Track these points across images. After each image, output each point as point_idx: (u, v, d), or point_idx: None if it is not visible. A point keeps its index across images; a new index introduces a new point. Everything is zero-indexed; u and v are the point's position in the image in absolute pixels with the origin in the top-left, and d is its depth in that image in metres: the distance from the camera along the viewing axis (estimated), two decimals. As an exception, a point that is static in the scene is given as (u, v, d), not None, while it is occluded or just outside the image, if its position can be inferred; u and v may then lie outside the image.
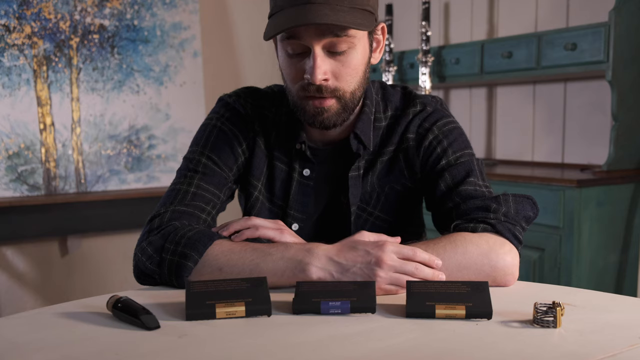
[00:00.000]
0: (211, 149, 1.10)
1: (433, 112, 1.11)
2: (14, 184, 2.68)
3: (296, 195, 1.13)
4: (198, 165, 1.09)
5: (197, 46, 3.04)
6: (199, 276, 0.93)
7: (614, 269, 2.11)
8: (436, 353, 0.68)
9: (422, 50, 2.72)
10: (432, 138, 1.09)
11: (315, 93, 0.99)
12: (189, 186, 1.06)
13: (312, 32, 0.95)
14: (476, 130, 2.91)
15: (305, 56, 0.98)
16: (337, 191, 1.13)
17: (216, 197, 1.08)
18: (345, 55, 0.98)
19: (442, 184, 1.06)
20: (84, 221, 2.82)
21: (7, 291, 2.82)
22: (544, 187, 2.08)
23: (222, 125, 1.13)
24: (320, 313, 0.82)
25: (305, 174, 1.12)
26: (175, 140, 2.98)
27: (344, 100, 1.02)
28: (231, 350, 0.70)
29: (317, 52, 0.96)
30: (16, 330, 0.78)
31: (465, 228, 0.97)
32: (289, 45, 0.98)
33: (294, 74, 1.01)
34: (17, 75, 2.68)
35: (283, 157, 1.13)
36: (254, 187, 1.13)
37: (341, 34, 0.95)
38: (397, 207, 1.13)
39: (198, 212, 1.04)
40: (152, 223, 1.01)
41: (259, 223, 0.98)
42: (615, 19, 2.03)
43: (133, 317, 0.78)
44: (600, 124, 2.36)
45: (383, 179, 1.12)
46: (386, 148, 1.11)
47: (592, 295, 0.91)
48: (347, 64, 0.99)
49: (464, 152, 1.08)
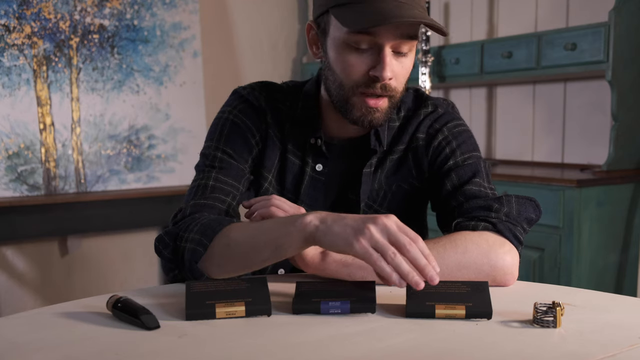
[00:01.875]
0: (225, 142, 1.11)
1: (444, 114, 1.13)
2: (14, 184, 2.68)
3: (307, 190, 1.13)
4: (214, 160, 1.10)
5: (197, 46, 3.04)
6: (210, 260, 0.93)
7: (614, 269, 2.11)
8: (436, 353, 0.68)
9: (422, 50, 2.72)
10: (442, 139, 1.10)
11: (377, 90, 1.00)
12: (207, 180, 1.07)
13: (390, 30, 0.95)
14: (476, 130, 2.91)
15: (371, 54, 0.98)
16: (345, 187, 1.14)
17: (235, 188, 1.08)
18: (407, 57, 1.01)
19: (448, 184, 1.07)
20: (83, 221, 2.82)
21: (7, 291, 2.82)
22: (544, 187, 2.08)
23: (234, 118, 1.13)
24: (320, 313, 0.82)
25: (318, 168, 1.13)
26: (175, 140, 2.98)
27: (394, 101, 1.03)
28: (231, 350, 0.70)
29: (387, 50, 0.97)
30: (16, 330, 0.78)
31: (466, 226, 0.97)
32: (359, 39, 0.97)
33: (356, 69, 1.00)
34: (17, 75, 2.68)
35: (296, 150, 1.13)
36: (265, 178, 1.14)
37: (412, 36, 0.97)
38: (403, 206, 1.14)
39: (218, 204, 1.05)
40: (175, 219, 1.03)
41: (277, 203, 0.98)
42: (615, 19, 2.03)
43: (133, 317, 0.78)
44: (600, 124, 2.36)
45: (391, 177, 1.12)
46: (397, 147, 1.13)
47: (592, 295, 0.91)
48: (406, 66, 1.01)
49: (472, 154, 1.09)
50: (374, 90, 1.00)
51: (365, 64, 0.99)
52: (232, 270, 0.92)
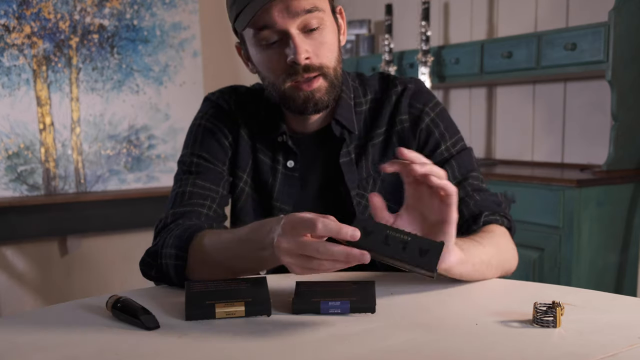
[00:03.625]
0: (200, 147, 1.13)
1: (418, 91, 1.14)
2: (14, 184, 2.68)
3: (282, 187, 1.13)
4: (191, 165, 1.12)
5: (197, 46, 3.04)
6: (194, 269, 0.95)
7: (614, 269, 2.11)
8: (436, 353, 0.68)
9: (422, 50, 2.72)
10: (429, 120, 1.11)
11: (303, 75, 1.01)
12: (185, 187, 1.09)
13: (284, 15, 0.97)
14: (476, 130, 2.91)
15: (282, 44, 1.01)
16: (329, 180, 1.13)
17: (214, 192, 1.10)
18: (319, 32, 1.01)
19: (449, 172, 1.08)
20: (83, 221, 2.82)
21: (7, 291, 2.82)
22: (544, 187, 2.08)
23: (206, 123, 1.15)
24: (320, 313, 0.81)
25: (289, 165, 1.13)
26: (175, 140, 2.98)
27: (330, 77, 1.04)
28: (231, 350, 0.70)
29: (294, 32, 0.98)
30: (16, 330, 0.77)
31: (495, 221, 1.03)
32: (264, 36, 1.00)
33: (275, 64, 1.02)
34: (17, 75, 2.68)
35: (266, 150, 1.14)
36: (240, 178, 1.15)
37: (312, 9, 0.98)
38: (394, 191, 1.13)
39: (198, 209, 1.06)
40: (157, 229, 1.06)
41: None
42: (615, 19, 2.03)
43: (133, 317, 0.78)
44: (600, 124, 2.36)
45: (378, 163, 1.12)
46: (375, 131, 1.13)
47: (592, 295, 0.90)
48: (323, 41, 1.02)
49: (459, 136, 1.13)
50: (300, 77, 1.01)
51: (281, 55, 1.01)
52: (220, 273, 0.93)
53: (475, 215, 1.04)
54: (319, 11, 1.00)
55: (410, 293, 0.90)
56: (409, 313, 0.82)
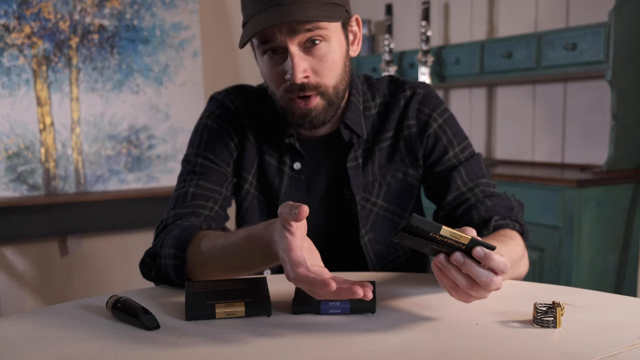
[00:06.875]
0: (205, 148, 1.12)
1: (427, 96, 1.13)
2: (14, 184, 2.68)
3: (287, 189, 1.13)
4: (195, 166, 1.11)
5: (197, 46, 3.04)
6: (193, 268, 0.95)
7: (614, 269, 2.11)
8: (436, 353, 0.68)
9: (422, 50, 2.72)
10: (436, 126, 1.11)
11: (299, 92, 1.00)
12: (188, 188, 1.09)
13: (284, 33, 0.96)
14: (476, 130, 2.91)
15: (284, 58, 0.99)
16: (336, 183, 1.13)
17: (217, 193, 1.09)
18: (320, 50, 0.99)
19: (458, 179, 1.09)
20: (83, 221, 2.82)
21: (7, 291, 2.82)
22: (544, 187, 2.08)
23: (212, 123, 1.14)
24: (320, 313, 0.82)
25: (295, 167, 1.13)
26: (175, 140, 2.98)
27: (327, 96, 1.02)
28: (231, 350, 0.70)
29: (293, 51, 0.97)
30: (16, 330, 0.77)
31: (507, 225, 1.03)
32: (266, 50, 1.00)
33: (275, 77, 1.02)
34: (17, 75, 2.68)
35: (273, 151, 1.14)
36: (245, 180, 1.14)
37: (313, 28, 0.96)
38: (399, 195, 1.14)
39: (199, 210, 1.06)
40: (157, 230, 1.06)
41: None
42: (615, 19, 2.03)
43: (133, 317, 0.78)
44: (600, 124, 2.36)
45: (384, 168, 1.12)
46: (382, 135, 1.12)
47: (592, 295, 0.90)
48: (324, 59, 1.00)
49: (467, 143, 1.13)
50: (297, 94, 1.00)
51: (281, 70, 1.00)
52: (221, 273, 0.93)
53: (485, 220, 1.04)
54: (322, 29, 0.97)
55: (410, 293, 0.90)
56: (409, 313, 0.82)
